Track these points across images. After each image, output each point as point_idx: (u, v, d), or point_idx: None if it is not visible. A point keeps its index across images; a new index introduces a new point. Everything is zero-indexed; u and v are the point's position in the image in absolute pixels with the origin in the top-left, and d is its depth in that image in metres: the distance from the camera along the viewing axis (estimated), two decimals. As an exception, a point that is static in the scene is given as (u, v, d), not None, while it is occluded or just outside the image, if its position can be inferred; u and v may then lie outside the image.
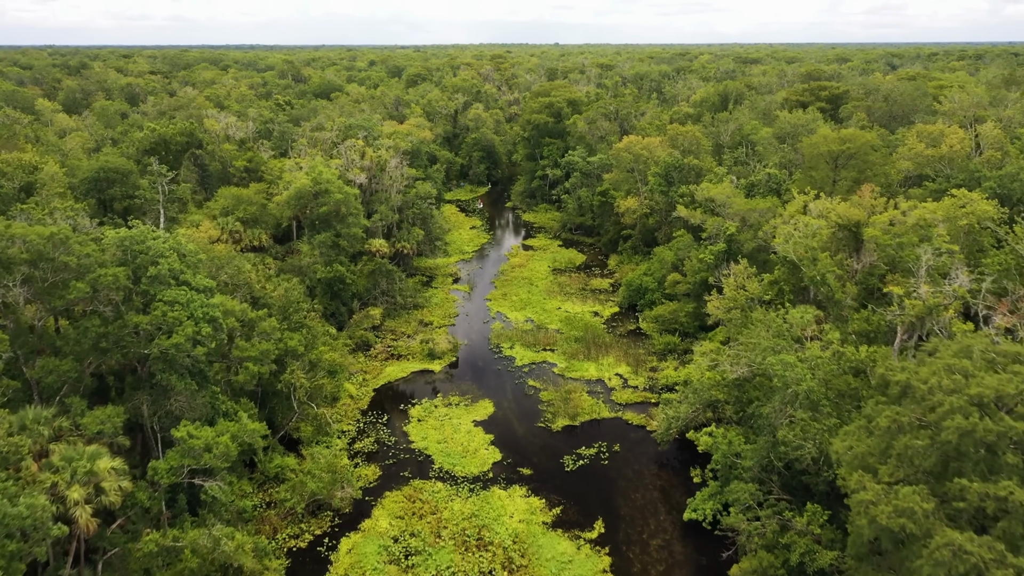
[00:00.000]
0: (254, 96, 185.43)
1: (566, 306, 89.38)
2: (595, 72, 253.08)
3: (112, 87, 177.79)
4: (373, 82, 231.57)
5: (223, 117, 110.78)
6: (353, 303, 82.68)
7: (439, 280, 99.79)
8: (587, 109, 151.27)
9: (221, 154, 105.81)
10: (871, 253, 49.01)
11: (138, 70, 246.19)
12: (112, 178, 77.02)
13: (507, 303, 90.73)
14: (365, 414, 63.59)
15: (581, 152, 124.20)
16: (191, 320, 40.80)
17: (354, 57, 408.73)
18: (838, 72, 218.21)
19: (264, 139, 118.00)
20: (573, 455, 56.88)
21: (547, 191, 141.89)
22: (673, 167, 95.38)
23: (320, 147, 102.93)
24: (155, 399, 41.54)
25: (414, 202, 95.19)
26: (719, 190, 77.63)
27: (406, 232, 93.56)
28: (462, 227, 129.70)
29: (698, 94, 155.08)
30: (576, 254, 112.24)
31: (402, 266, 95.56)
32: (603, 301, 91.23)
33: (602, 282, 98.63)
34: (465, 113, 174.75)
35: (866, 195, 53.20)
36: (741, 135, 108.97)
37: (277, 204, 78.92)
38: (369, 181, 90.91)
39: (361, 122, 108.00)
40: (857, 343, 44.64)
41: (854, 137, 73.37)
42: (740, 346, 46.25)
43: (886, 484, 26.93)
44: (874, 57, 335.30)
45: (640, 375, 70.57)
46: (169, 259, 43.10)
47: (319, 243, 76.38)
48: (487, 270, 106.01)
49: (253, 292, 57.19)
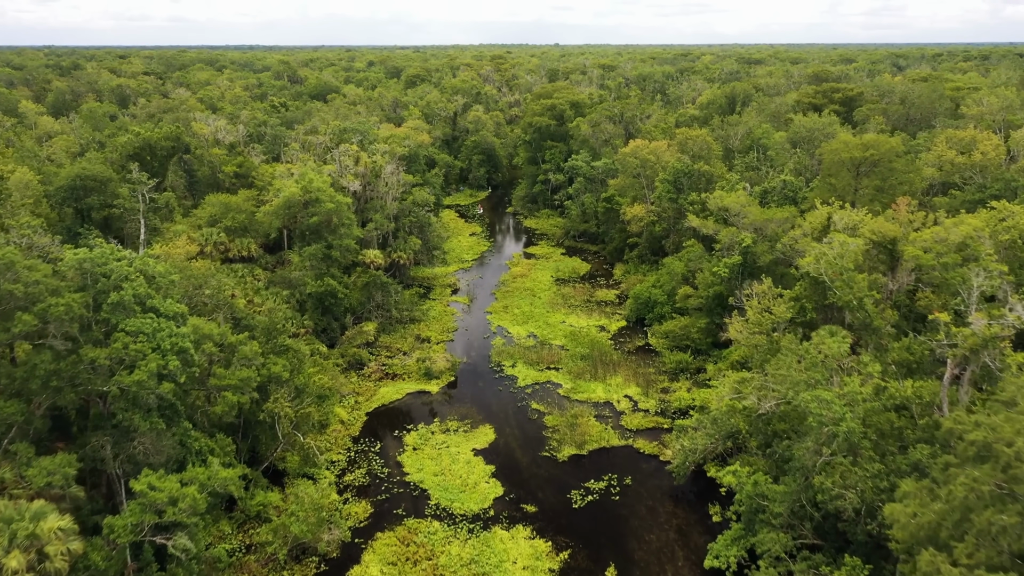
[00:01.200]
0: (249, 98, 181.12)
1: (571, 320, 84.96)
2: (597, 73, 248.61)
3: (103, 88, 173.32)
4: (371, 83, 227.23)
5: (212, 120, 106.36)
6: (346, 318, 78.29)
7: (437, 291, 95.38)
8: (590, 111, 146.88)
9: (210, 159, 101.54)
10: (908, 272, 44.62)
11: (132, 71, 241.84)
12: (90, 186, 72.72)
13: (508, 316, 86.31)
14: (357, 441, 59.18)
15: (585, 156, 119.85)
16: (157, 352, 36.39)
17: (353, 58, 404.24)
18: (845, 73, 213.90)
19: (256, 143, 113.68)
20: (581, 489, 52.46)
21: (549, 196, 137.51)
22: (683, 173, 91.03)
23: (313, 152, 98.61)
24: (117, 440, 37.09)
25: (411, 210, 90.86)
26: (733, 199, 73.26)
27: (402, 241, 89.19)
28: (461, 234, 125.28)
29: (704, 96, 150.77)
30: (580, 263, 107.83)
31: (398, 277, 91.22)
32: (609, 314, 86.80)
33: (608, 293, 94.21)
34: (465, 115, 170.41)
35: (902, 208, 48.85)
36: (752, 139, 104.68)
37: (265, 213, 74.49)
38: (363, 188, 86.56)
39: (356, 125, 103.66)
40: (898, 375, 40.25)
41: (878, 143, 69.02)
42: (768, 377, 41.85)
43: (964, 567, 22.60)
44: (879, 58, 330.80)
45: (651, 397, 66.15)
46: (135, 283, 38.69)
47: (309, 255, 71.97)
48: (487, 280, 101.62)
49: (235, 312, 52.78)
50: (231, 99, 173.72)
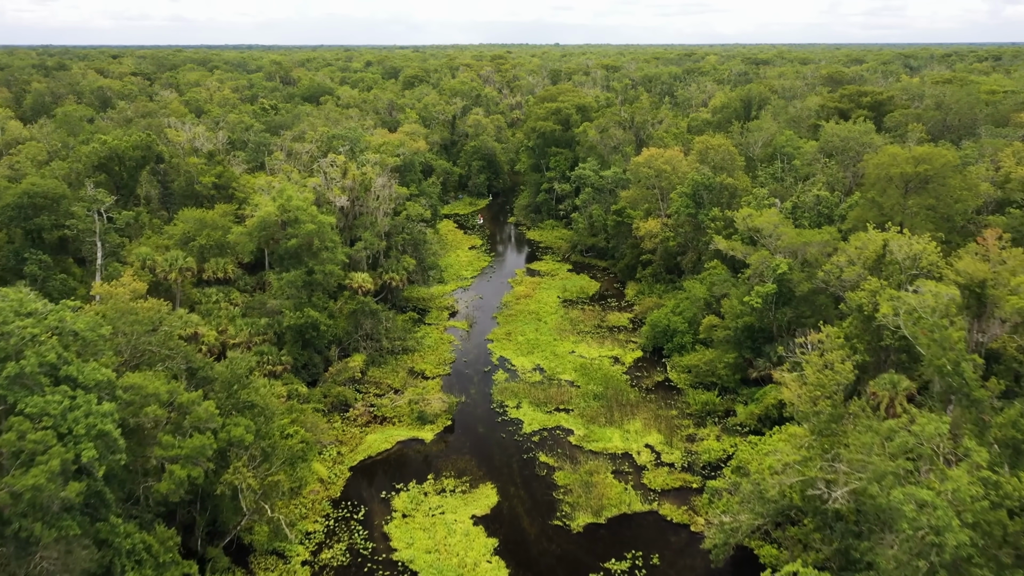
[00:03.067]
0: (238, 100, 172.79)
1: (580, 349, 76.82)
2: (601, 74, 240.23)
3: (84, 90, 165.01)
4: (366, 84, 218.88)
5: (189, 127, 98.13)
6: (331, 350, 70.10)
7: (434, 314, 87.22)
8: (597, 115, 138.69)
9: (187, 168, 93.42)
10: (1002, 323, 36.54)
11: (120, 71, 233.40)
12: (40, 204, 64.57)
13: (512, 345, 78.14)
14: (338, 505, 51.02)
15: (592, 164, 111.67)
16: (64, 442, 28.22)
17: (350, 58, 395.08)
18: (859, 74, 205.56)
19: (239, 150, 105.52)
20: (600, 572, 44.34)
21: (554, 206, 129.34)
22: (703, 186, 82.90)
23: (298, 161, 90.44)
24: (16, 554, 28.92)
25: (404, 226, 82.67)
26: (765, 219, 65.13)
27: (395, 261, 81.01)
28: (460, 247, 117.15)
29: (717, 99, 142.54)
30: (588, 281, 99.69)
31: (390, 300, 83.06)
32: (623, 342, 78.64)
33: (620, 317, 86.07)
34: (464, 119, 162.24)
35: (990, 241, 40.79)
36: (775, 147, 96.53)
37: (238, 234, 66.32)
38: (352, 203, 78.38)
39: (345, 132, 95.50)
40: (1004, 459, 32.09)
41: (931, 157, 60.93)
42: (841, 460, 33.72)
43: None
44: (887, 58, 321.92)
45: (675, 447, 57.99)
46: (43, 347, 30.52)
47: (288, 283, 63.80)
48: (488, 300, 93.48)
49: (190, 361, 44.61)
50: (219, 101, 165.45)
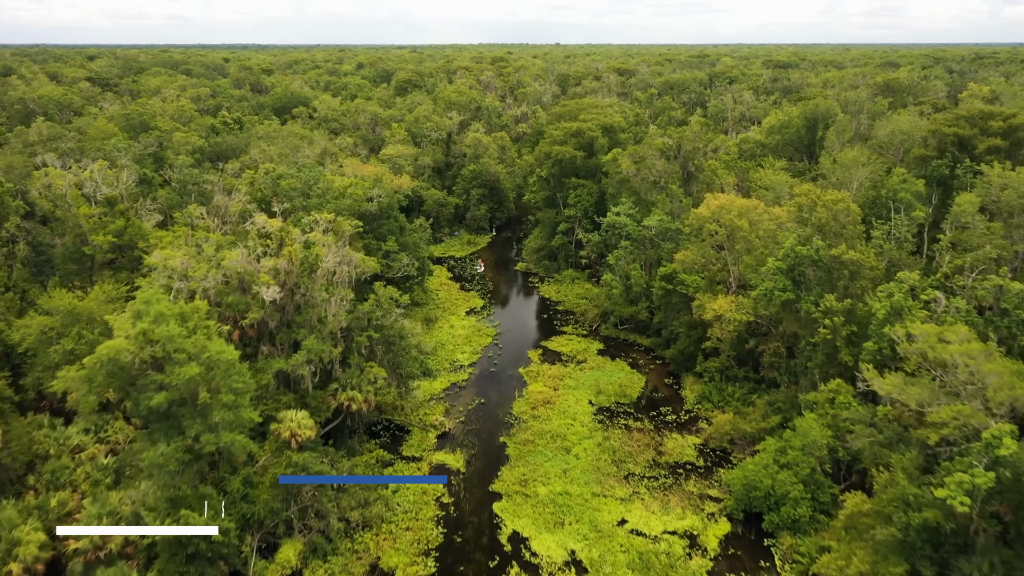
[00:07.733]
0: (195, 111, 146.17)
1: (635, 516, 50.47)
2: (614, 79, 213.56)
3: (5, 101, 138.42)
4: (351, 92, 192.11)
5: (84, 164, 71.65)
6: (246, 541, 43.81)
7: (414, 440, 60.79)
8: (626, 137, 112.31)
9: (75, 223, 67.37)
10: None
11: (75, 76, 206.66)
12: None
13: (529, 507, 51.72)
14: None
15: (627, 207, 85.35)
16: None
17: (342, 59, 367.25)
18: (915, 82, 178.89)
19: (158, 189, 79.09)
20: None
21: (574, 252, 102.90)
22: (807, 260, 56.62)
23: (223, 215, 64.01)
24: None
25: (371, 318, 56.24)
26: (964, 349, 38.65)
27: (356, 373, 54.54)
28: (456, 310, 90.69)
29: (772, 117, 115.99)
30: (628, 372, 73.25)
31: (348, 430, 56.73)
32: (697, 499, 52.28)
33: (683, 443, 59.79)
34: (462, 136, 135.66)
35: None
36: (887, 191, 70.17)
37: (67, 381, 39.78)
38: (290, 294, 51.91)
39: (295, 173, 69.00)
40: None
41: None
42: None
43: None
44: (917, 59, 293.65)
45: None
46: None
47: (155, 465, 37.24)
48: (494, 405, 67.19)
49: None
50: (173, 113, 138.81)
